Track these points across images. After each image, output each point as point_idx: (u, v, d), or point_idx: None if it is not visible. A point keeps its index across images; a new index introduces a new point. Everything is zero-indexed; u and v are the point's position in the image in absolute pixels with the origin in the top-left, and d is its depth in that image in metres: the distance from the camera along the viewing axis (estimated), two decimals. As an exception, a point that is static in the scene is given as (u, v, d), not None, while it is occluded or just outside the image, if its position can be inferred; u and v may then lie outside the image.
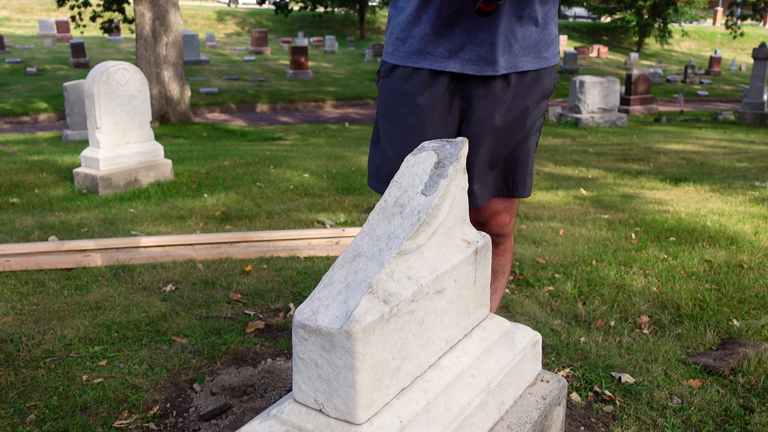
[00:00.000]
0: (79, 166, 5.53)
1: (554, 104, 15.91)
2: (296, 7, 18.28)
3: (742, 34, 31.67)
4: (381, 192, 1.68)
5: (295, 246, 3.52)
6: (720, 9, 43.31)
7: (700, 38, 37.84)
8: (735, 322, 2.54)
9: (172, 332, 2.41)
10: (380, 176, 1.70)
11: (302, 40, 27.47)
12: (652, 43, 34.99)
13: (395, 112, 1.65)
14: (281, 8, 16.49)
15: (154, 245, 3.43)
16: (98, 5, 14.25)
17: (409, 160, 1.30)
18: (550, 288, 2.95)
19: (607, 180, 6.28)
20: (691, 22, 38.18)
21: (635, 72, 14.83)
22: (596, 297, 2.84)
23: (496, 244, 1.80)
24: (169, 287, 2.89)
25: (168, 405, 1.91)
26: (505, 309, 2.70)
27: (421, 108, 1.61)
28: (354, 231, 3.73)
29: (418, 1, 1.55)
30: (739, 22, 35.68)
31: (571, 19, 40.93)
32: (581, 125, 12.07)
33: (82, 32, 17.19)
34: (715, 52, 30.67)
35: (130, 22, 14.08)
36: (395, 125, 1.65)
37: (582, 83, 12.17)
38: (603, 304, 2.78)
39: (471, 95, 1.61)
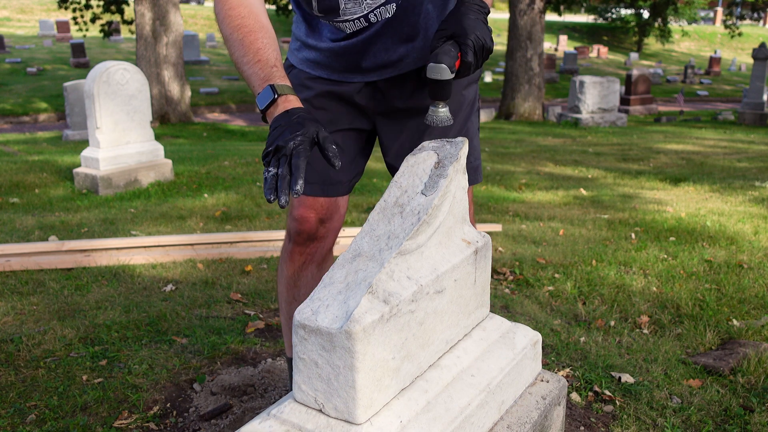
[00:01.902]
0: (79, 166, 5.53)
1: (554, 104, 15.91)
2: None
3: (740, 34, 31.65)
4: (312, 195, 1.62)
5: (295, 246, 3.52)
6: (720, 9, 43.27)
7: (700, 38, 37.83)
8: (735, 322, 2.54)
9: (172, 332, 2.41)
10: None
11: (302, 40, 27.44)
12: (652, 43, 34.98)
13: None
14: (281, 9, 16.51)
15: (154, 245, 3.43)
16: (98, 6, 14.25)
17: (409, 160, 1.30)
18: (550, 288, 2.95)
19: (607, 180, 6.29)
20: (698, 22, 38.11)
21: (635, 72, 14.84)
22: (596, 297, 2.84)
23: None
24: (169, 287, 2.89)
25: (168, 405, 1.92)
26: (505, 309, 2.70)
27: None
28: (354, 231, 3.73)
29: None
30: (738, 22, 35.65)
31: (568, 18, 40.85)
32: (581, 125, 12.07)
33: (84, 35, 17.22)
34: (715, 52, 30.67)
35: (129, 23, 14.06)
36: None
37: (582, 83, 12.17)
38: (603, 304, 2.78)
39: (387, 95, 1.58)
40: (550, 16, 33.35)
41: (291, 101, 1.24)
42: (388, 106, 1.58)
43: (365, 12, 1.43)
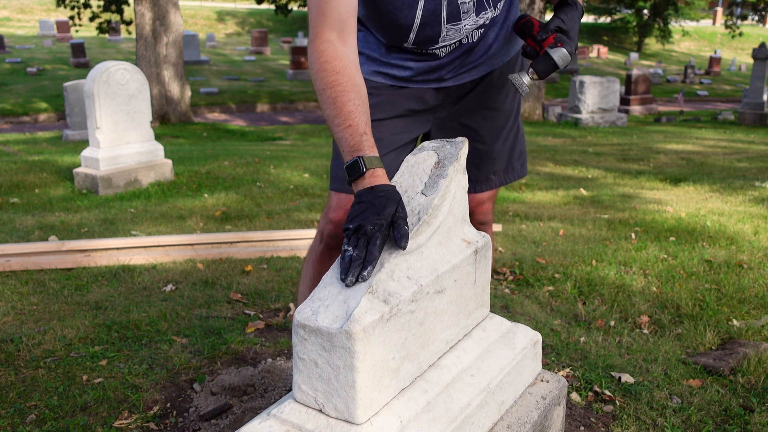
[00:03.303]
0: (79, 166, 5.53)
1: (554, 104, 15.91)
2: (296, 7, 18.30)
3: (740, 34, 31.63)
4: (346, 193, 1.68)
5: (295, 246, 3.52)
6: (720, 9, 43.23)
7: (700, 38, 37.82)
8: (735, 322, 2.54)
9: (172, 332, 2.41)
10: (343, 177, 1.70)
11: (302, 40, 27.47)
12: (652, 43, 34.97)
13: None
14: (280, 8, 16.51)
15: (154, 245, 3.43)
16: (98, 6, 14.24)
17: (409, 160, 1.30)
18: (550, 288, 2.95)
19: (607, 180, 6.29)
20: (698, 22, 38.05)
21: (635, 72, 14.83)
22: (596, 297, 2.84)
23: None
24: (169, 287, 2.89)
25: (168, 405, 1.92)
26: (505, 309, 2.70)
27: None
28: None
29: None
30: (738, 22, 35.61)
31: None
32: (581, 125, 12.07)
33: (77, 31, 17.17)
34: (715, 52, 30.66)
35: (128, 23, 14.03)
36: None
37: (582, 83, 12.17)
38: (603, 304, 2.78)
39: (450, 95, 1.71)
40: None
41: (378, 176, 1.25)
42: (446, 106, 1.71)
43: (461, 37, 1.56)
